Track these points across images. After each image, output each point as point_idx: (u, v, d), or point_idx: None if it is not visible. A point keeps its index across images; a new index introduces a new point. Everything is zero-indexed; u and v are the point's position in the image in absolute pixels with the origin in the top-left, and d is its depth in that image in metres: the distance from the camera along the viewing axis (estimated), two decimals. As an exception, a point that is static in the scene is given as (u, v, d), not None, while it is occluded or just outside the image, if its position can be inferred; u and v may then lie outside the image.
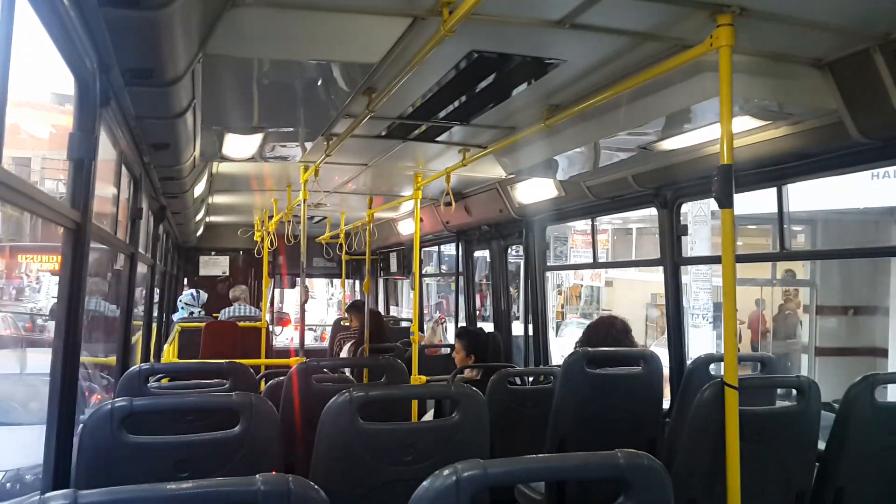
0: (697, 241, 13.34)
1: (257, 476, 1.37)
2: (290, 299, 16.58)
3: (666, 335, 4.51)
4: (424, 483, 1.46)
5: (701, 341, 13.42)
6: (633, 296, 19.05)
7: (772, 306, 12.95)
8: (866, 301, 10.90)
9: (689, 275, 13.40)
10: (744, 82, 2.61)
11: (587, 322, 5.93)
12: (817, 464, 2.82)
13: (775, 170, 3.44)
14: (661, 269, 4.35)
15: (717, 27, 2.21)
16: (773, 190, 3.64)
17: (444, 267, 10.76)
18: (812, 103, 2.81)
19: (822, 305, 11.29)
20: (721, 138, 2.23)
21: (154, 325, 6.87)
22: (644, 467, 1.54)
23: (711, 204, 11.89)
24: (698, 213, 13.34)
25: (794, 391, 2.78)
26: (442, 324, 11.53)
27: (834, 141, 2.96)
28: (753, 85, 2.68)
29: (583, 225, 16.35)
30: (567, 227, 18.13)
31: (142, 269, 5.07)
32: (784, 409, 2.85)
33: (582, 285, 21.63)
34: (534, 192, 5.36)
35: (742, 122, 3.01)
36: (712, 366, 3.71)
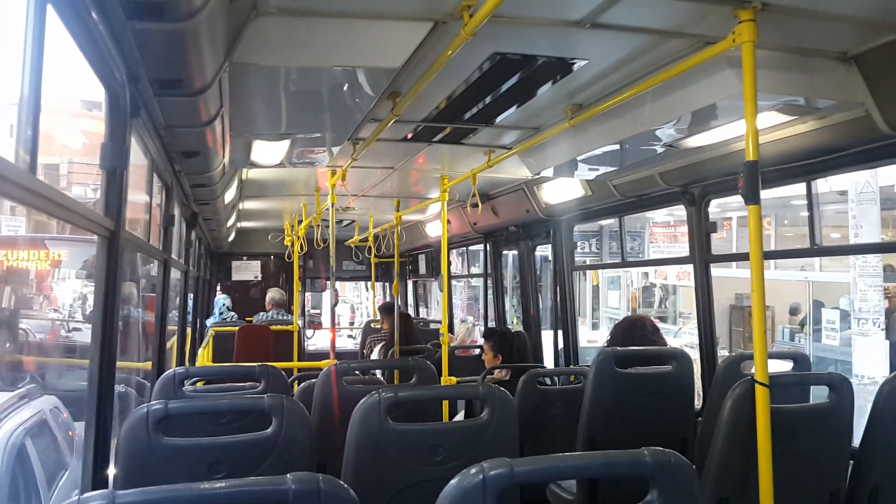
0: (864, 225, 10.65)
1: (288, 475, 1.39)
2: (327, 303, 16.59)
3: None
4: (452, 482, 1.48)
5: (871, 356, 10.58)
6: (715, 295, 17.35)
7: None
8: None
9: (853, 269, 11.02)
10: (768, 78, 2.59)
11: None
12: (851, 461, 2.79)
13: (803, 165, 3.39)
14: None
15: (739, 23, 2.19)
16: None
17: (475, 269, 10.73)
18: (838, 97, 2.77)
19: None
20: (746, 134, 2.21)
21: (188, 330, 6.96)
22: (671, 465, 1.55)
23: (881, 178, 10.34)
24: (864, 190, 10.66)
25: (827, 388, 2.75)
26: (476, 325, 11.54)
27: (862, 134, 2.92)
28: (778, 80, 2.65)
29: (663, 216, 14.70)
30: (643, 217, 15.93)
31: (175, 274, 5.15)
32: (817, 406, 2.81)
33: (655, 285, 19.99)
34: (560, 191, 5.35)
35: (768, 118, 2.98)
36: (743, 363, 3.67)
